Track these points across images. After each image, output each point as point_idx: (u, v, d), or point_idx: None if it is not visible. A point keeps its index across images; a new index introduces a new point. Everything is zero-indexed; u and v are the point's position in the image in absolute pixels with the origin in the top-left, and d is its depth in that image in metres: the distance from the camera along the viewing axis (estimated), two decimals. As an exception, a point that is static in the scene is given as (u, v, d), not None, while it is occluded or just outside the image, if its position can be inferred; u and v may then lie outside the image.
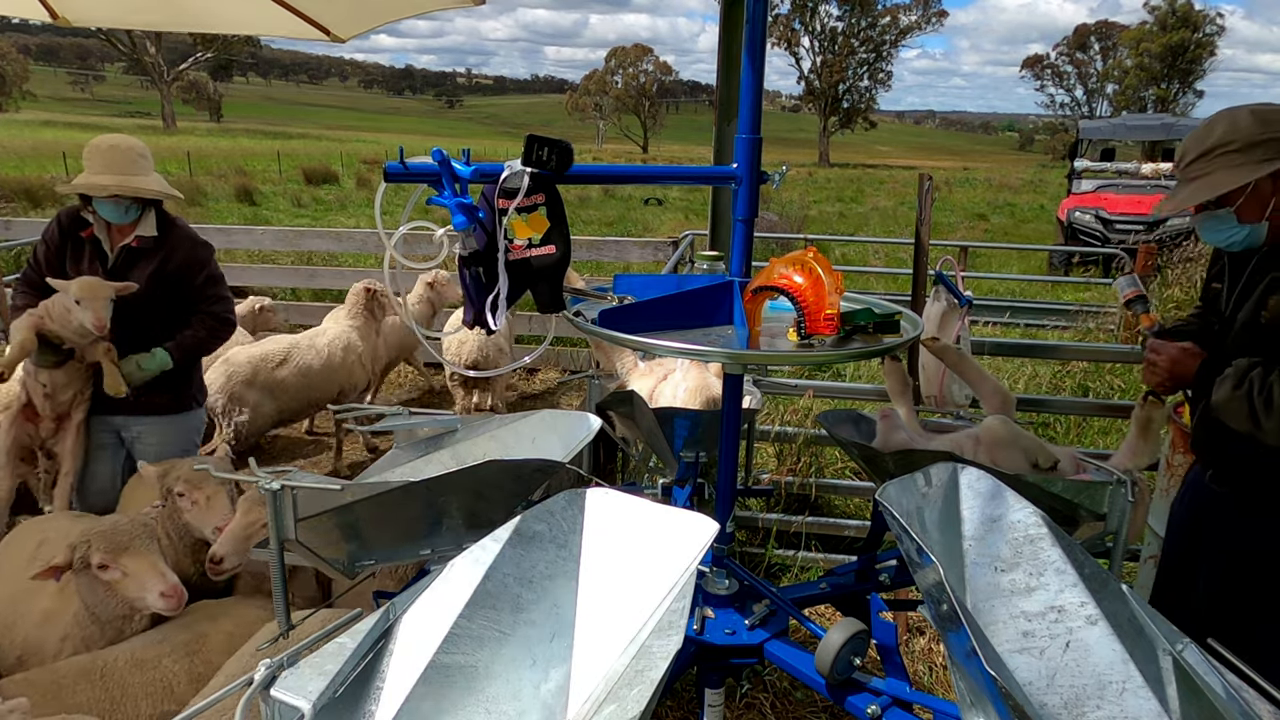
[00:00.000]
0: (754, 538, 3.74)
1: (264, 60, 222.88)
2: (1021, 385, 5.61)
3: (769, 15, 1.71)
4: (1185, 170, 1.93)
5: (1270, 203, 1.84)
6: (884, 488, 1.46)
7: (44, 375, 2.90)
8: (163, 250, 2.99)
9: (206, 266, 3.12)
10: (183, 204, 16.27)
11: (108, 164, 2.87)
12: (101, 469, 3.14)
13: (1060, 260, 12.71)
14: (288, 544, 1.56)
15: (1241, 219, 1.88)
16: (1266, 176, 1.81)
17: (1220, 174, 1.84)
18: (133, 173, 2.88)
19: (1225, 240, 1.94)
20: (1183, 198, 1.92)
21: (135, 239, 2.96)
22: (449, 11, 3.79)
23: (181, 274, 3.03)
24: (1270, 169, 1.80)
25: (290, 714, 1.01)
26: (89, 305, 2.76)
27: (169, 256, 3.00)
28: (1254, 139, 1.80)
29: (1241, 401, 1.78)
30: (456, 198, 1.43)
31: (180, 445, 3.18)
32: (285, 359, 4.57)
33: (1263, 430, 1.75)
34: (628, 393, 2.40)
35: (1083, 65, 68.38)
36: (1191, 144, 1.91)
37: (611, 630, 1.16)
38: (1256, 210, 1.85)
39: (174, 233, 3.05)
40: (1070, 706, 1.21)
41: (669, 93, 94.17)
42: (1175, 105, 54.99)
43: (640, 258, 6.30)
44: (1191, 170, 1.91)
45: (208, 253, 3.16)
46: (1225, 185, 1.83)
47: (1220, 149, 1.84)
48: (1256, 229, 1.88)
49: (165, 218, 3.06)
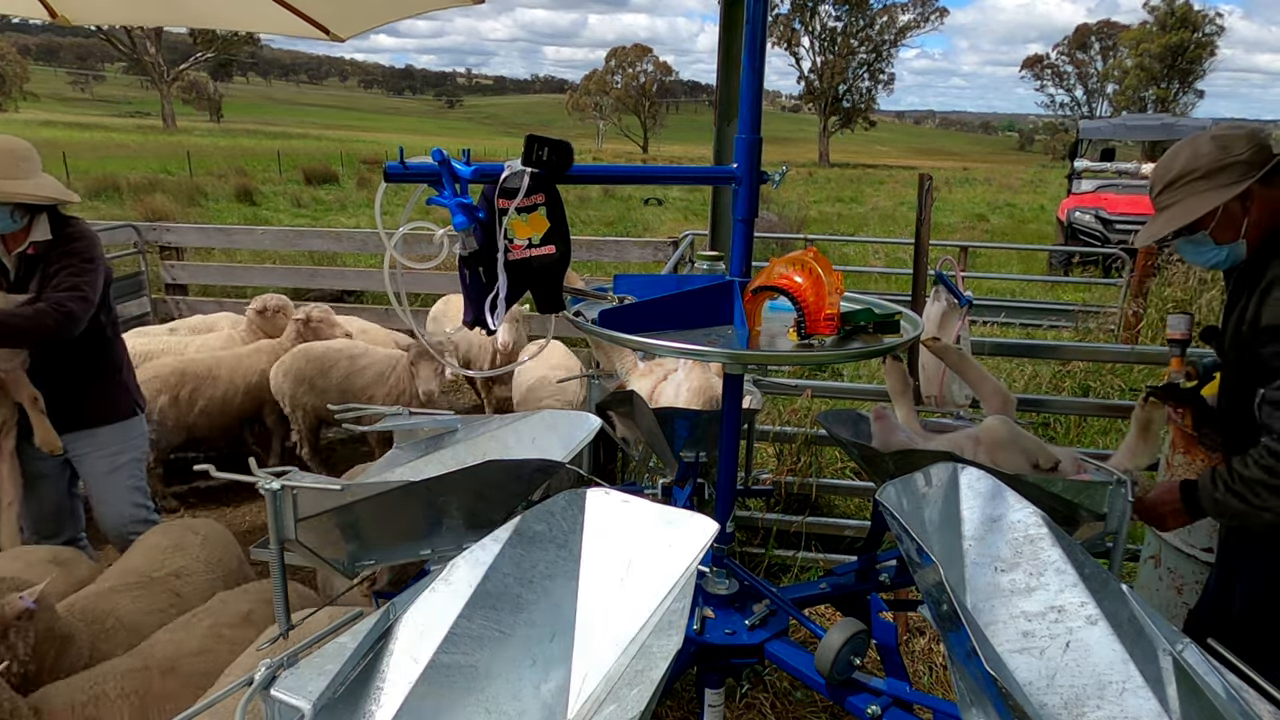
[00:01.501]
0: (754, 538, 3.74)
1: (264, 60, 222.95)
2: (1021, 385, 5.62)
3: (769, 15, 1.71)
4: (1156, 200, 2.00)
5: (1243, 222, 1.90)
6: (884, 488, 1.46)
7: None
8: (53, 252, 2.79)
9: (74, 255, 2.79)
10: (183, 204, 16.30)
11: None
12: (48, 494, 3.01)
13: (1060, 260, 12.70)
14: (288, 544, 1.56)
15: (1218, 241, 1.95)
16: (1235, 198, 1.88)
17: (1188, 201, 1.91)
18: (13, 176, 2.68)
19: (1207, 261, 2.00)
20: (1156, 228, 1.99)
21: (31, 245, 2.77)
22: (448, 11, 3.80)
23: (59, 263, 2.78)
24: (1234, 192, 1.86)
25: (290, 714, 1.01)
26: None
27: (52, 258, 2.78)
28: (1216, 165, 1.88)
29: (1227, 497, 1.81)
30: (456, 198, 1.43)
31: (128, 454, 3.07)
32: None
33: (1264, 510, 1.77)
34: (628, 393, 2.40)
35: (1083, 65, 68.40)
36: (1158, 175, 1.98)
37: (611, 630, 1.16)
38: (1230, 231, 1.92)
39: (66, 234, 2.82)
40: (1070, 706, 1.21)
41: (669, 93, 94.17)
42: (1175, 105, 55.00)
43: (640, 258, 6.30)
44: (1161, 200, 1.98)
45: (84, 244, 2.84)
46: (1194, 212, 1.90)
47: (1185, 178, 1.92)
48: (1234, 248, 1.95)
49: (63, 221, 2.84)
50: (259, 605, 2.33)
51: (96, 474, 3.02)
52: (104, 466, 2.99)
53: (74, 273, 2.75)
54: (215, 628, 2.19)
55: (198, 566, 2.57)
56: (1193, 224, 1.94)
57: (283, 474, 1.50)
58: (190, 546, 2.62)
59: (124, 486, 3.06)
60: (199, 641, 2.13)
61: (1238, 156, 1.86)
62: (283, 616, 1.59)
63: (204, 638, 2.15)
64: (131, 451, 3.09)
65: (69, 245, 2.80)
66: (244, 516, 4.45)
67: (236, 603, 2.33)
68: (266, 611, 2.31)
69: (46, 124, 50.22)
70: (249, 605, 2.32)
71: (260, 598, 2.38)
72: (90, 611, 2.25)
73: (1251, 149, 1.87)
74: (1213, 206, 1.87)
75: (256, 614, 2.29)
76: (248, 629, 2.21)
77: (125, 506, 3.06)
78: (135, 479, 3.11)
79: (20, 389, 2.78)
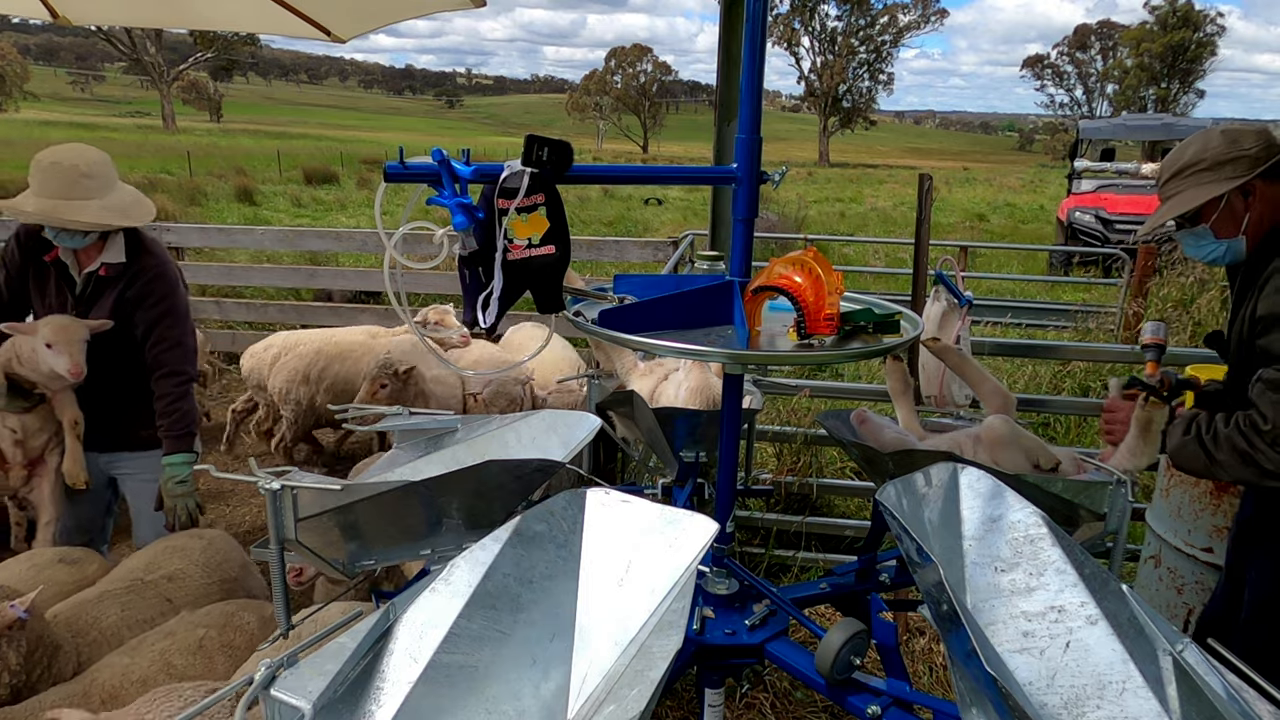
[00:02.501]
0: (754, 538, 3.74)
1: (264, 60, 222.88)
2: (1021, 385, 5.62)
3: (769, 15, 1.71)
4: (1163, 189, 2.01)
5: (1244, 218, 1.91)
6: (884, 488, 1.46)
7: (13, 420, 2.65)
8: (126, 277, 2.67)
9: (167, 299, 2.72)
10: (183, 204, 16.30)
11: (41, 185, 2.52)
12: (83, 511, 2.90)
13: (1060, 260, 12.71)
14: (288, 544, 1.56)
15: (1218, 235, 1.95)
16: (1237, 193, 1.89)
17: (1190, 191, 1.93)
18: (70, 196, 2.51)
19: (1207, 255, 2.01)
20: (1159, 215, 2.01)
21: (103, 267, 2.63)
22: (448, 12, 3.83)
23: (137, 303, 2.69)
24: (1237, 184, 1.87)
25: (290, 714, 1.01)
26: (62, 349, 2.49)
27: (131, 283, 2.67)
28: (1222, 157, 1.88)
29: (1193, 443, 1.83)
30: (456, 198, 1.43)
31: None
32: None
33: (1218, 466, 1.79)
34: (628, 393, 2.40)
35: (1083, 65, 68.41)
36: (1168, 164, 2.00)
37: (611, 630, 1.16)
38: (1231, 226, 1.92)
39: (142, 258, 2.70)
40: (1070, 706, 1.21)
41: (669, 93, 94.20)
42: (1175, 105, 55.02)
43: (640, 258, 6.29)
44: (1167, 189, 1.99)
45: (170, 286, 2.74)
46: (1195, 201, 1.91)
47: (1192, 168, 1.93)
48: (1234, 244, 1.95)
49: (138, 241, 2.72)
50: (215, 631, 2.17)
51: (142, 494, 2.92)
52: (149, 489, 2.87)
53: (176, 325, 2.72)
54: (165, 654, 2.06)
55: (194, 570, 2.49)
56: (1194, 215, 1.95)
57: (283, 474, 1.51)
58: (191, 550, 2.55)
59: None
60: (144, 670, 2.01)
61: (1245, 151, 1.87)
62: (283, 616, 1.60)
63: (150, 665, 2.03)
64: None
65: (151, 284, 2.68)
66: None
67: (190, 631, 2.16)
68: (222, 639, 2.16)
69: (46, 124, 50.24)
70: (204, 630, 2.16)
71: (221, 621, 2.22)
72: (74, 622, 2.18)
73: (1260, 145, 1.88)
74: (1214, 195, 1.88)
75: (211, 642, 2.14)
76: (197, 659, 2.09)
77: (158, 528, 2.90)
78: None
79: (64, 409, 2.68)
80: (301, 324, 6.75)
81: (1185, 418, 1.88)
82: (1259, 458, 1.71)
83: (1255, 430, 1.71)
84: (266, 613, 2.32)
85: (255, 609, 2.34)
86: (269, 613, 2.32)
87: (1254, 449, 1.71)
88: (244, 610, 2.30)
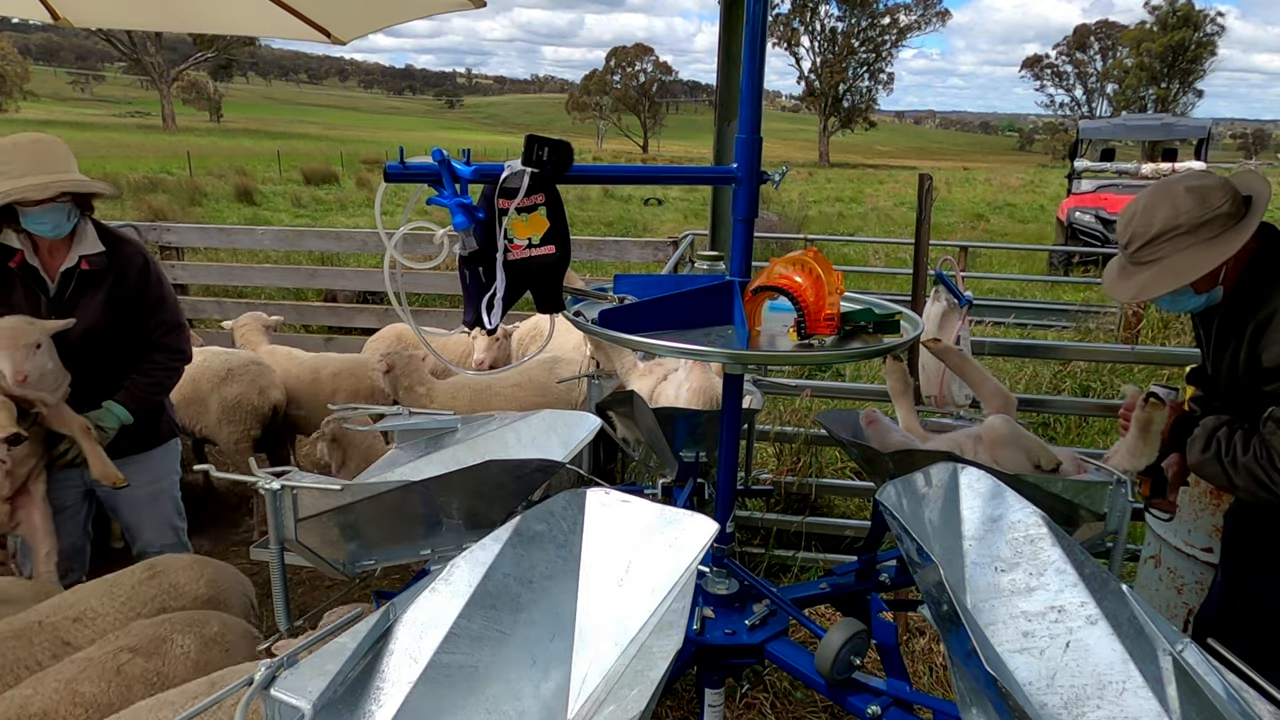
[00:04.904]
0: (754, 538, 3.74)
1: (264, 60, 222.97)
2: (1021, 385, 5.62)
3: (769, 15, 1.71)
4: (1134, 255, 1.93)
5: (1222, 270, 1.89)
6: (884, 488, 1.46)
7: (1, 449, 2.39)
8: (114, 270, 2.55)
9: (161, 283, 2.70)
10: (183, 204, 16.31)
11: (35, 163, 2.37)
12: (63, 531, 2.67)
13: (1060, 260, 12.72)
14: (288, 544, 1.56)
15: (1198, 291, 1.93)
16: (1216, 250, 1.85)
17: (1173, 259, 1.86)
18: (67, 170, 2.41)
19: (1186, 308, 2.01)
20: (1141, 284, 1.91)
21: (84, 260, 2.52)
22: (447, 13, 3.82)
23: (136, 296, 2.61)
24: (1233, 249, 1.82)
25: (290, 714, 1.01)
26: (3, 354, 2.28)
27: (122, 276, 2.57)
28: (1198, 220, 1.83)
29: (1213, 462, 1.85)
30: (456, 198, 1.43)
31: (167, 478, 2.90)
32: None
33: (1237, 488, 1.83)
34: (628, 393, 2.40)
35: (1082, 65, 68.44)
36: (1136, 231, 1.90)
37: (611, 630, 1.16)
38: (1212, 280, 1.90)
39: (122, 247, 2.61)
40: (1070, 706, 1.21)
41: (669, 92, 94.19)
42: (1175, 105, 55.04)
43: (640, 258, 6.29)
44: (1142, 255, 1.91)
45: (157, 270, 2.71)
46: (1191, 273, 1.84)
47: (1167, 234, 1.86)
48: (1212, 294, 1.94)
49: (105, 230, 2.62)
50: (141, 657, 1.83)
51: (137, 502, 2.82)
52: (145, 494, 2.80)
53: (169, 309, 2.73)
54: (72, 682, 1.76)
55: (109, 610, 2.04)
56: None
57: (283, 474, 1.51)
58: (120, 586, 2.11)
59: (164, 513, 2.90)
60: (44, 702, 1.73)
61: (1218, 209, 1.82)
62: (283, 617, 1.60)
63: (53, 695, 1.74)
64: (170, 475, 2.93)
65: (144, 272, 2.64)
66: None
67: (112, 655, 1.83)
68: (147, 665, 1.83)
69: (46, 124, 50.22)
70: (128, 655, 1.83)
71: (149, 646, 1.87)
72: None
73: (1229, 199, 1.84)
74: (1214, 266, 1.83)
75: (132, 668, 1.81)
76: (112, 686, 1.78)
77: (163, 534, 2.89)
78: (174, 503, 2.96)
79: (67, 421, 2.50)
80: (302, 324, 6.76)
81: (1206, 431, 1.88)
82: (1276, 490, 1.77)
83: (1273, 465, 1.76)
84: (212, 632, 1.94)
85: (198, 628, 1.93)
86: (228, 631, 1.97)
87: (1273, 482, 1.77)
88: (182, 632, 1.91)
